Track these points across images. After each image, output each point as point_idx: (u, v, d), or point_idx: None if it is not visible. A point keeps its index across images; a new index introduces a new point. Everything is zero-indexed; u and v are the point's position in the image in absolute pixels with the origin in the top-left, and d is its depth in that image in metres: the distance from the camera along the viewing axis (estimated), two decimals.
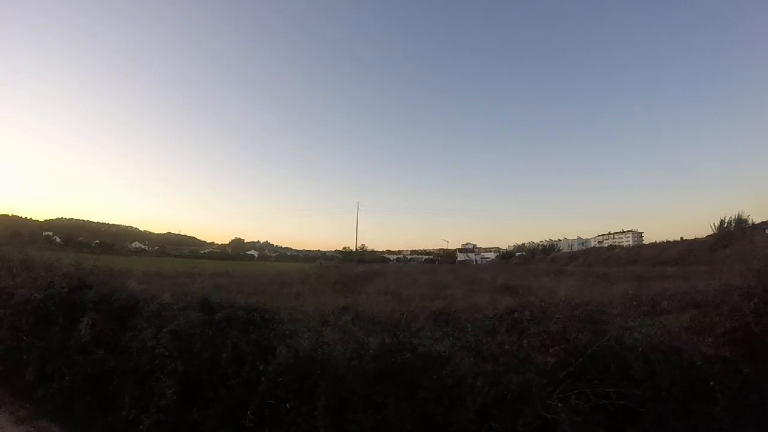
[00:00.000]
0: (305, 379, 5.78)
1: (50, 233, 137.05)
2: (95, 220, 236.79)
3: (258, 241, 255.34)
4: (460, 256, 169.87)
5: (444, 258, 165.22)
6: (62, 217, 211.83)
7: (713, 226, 61.73)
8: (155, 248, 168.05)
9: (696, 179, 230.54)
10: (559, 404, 5.05)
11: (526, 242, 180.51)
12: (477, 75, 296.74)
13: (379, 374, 5.72)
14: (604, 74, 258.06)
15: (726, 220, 60.62)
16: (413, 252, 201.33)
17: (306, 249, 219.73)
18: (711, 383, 5.52)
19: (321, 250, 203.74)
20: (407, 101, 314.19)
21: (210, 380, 6.28)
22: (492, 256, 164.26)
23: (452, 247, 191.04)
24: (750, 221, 60.56)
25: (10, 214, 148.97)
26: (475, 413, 5.18)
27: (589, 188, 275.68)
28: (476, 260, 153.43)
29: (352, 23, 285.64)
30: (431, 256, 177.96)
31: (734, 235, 55.94)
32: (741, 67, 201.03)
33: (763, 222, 64.02)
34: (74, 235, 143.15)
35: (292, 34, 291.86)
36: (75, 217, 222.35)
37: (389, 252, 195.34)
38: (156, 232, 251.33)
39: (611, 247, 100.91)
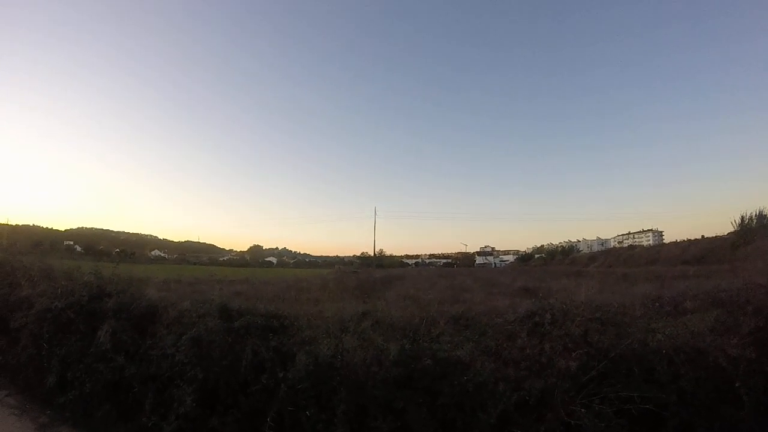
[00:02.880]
0: (325, 386, 5.76)
1: (71, 242, 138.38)
2: (115, 230, 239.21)
3: (276, 248, 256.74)
4: (479, 260, 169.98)
5: (463, 262, 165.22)
6: (83, 227, 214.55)
7: (734, 223, 60.92)
8: (174, 256, 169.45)
9: (716, 176, 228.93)
10: (582, 409, 5.00)
11: (545, 244, 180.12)
12: (494, 79, 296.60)
13: (399, 380, 5.69)
14: (622, 72, 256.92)
15: (747, 217, 59.76)
16: (432, 256, 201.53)
17: (324, 255, 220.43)
18: (736, 385, 5.43)
19: (339, 255, 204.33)
20: (424, 106, 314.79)
21: (229, 387, 6.28)
22: (511, 258, 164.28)
23: (471, 250, 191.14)
24: None
25: (32, 224, 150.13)
26: (496, 419, 5.13)
27: (607, 188, 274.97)
28: (495, 263, 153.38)
29: (371, 27, 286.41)
30: (450, 260, 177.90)
31: (756, 231, 55.13)
32: (761, 59, 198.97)
33: None
34: (95, 244, 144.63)
35: (310, 39, 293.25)
36: (95, 227, 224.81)
37: (408, 256, 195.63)
38: (175, 240, 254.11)
39: (631, 247, 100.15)
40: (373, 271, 63.37)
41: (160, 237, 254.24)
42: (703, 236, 76.27)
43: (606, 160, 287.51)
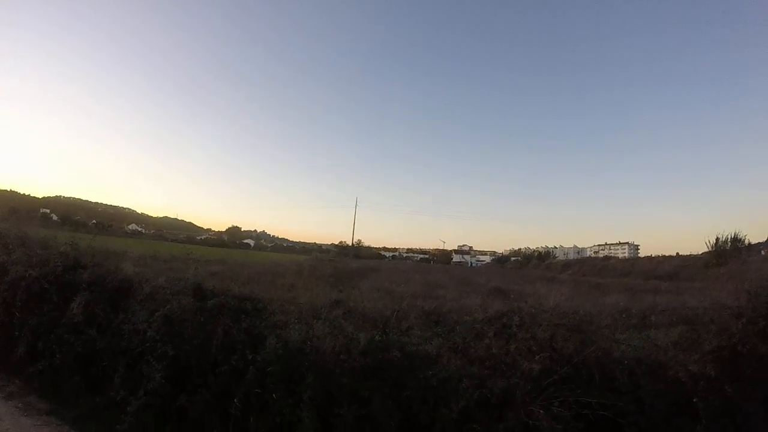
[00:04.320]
0: (293, 371, 5.82)
1: (47, 211, 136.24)
2: (93, 200, 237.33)
3: (255, 231, 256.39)
4: (456, 258, 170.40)
5: (439, 258, 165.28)
6: (60, 196, 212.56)
7: (709, 244, 61.79)
8: (152, 232, 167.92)
9: (695, 195, 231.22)
10: (542, 411, 5.09)
11: (523, 248, 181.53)
12: (481, 81, 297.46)
13: (367, 370, 5.77)
14: (607, 84, 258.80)
15: (722, 238, 60.61)
16: (409, 250, 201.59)
17: (302, 241, 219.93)
18: (694, 400, 5.56)
19: (318, 243, 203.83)
20: (412, 103, 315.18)
21: (199, 366, 6.32)
22: (487, 259, 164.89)
23: (448, 247, 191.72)
24: (746, 241, 60.69)
25: (9, 189, 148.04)
26: (458, 414, 5.23)
27: (588, 198, 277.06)
28: (471, 262, 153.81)
29: (356, 23, 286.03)
30: (426, 256, 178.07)
31: (729, 253, 55.96)
32: (741, 82, 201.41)
33: (759, 243, 64.29)
34: (71, 214, 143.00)
35: (295, 30, 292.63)
36: (73, 196, 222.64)
37: (385, 249, 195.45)
38: (153, 215, 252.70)
39: (606, 258, 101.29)
40: (350, 261, 63.41)
41: (139, 211, 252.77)
42: (677, 253, 77.25)
43: (589, 171, 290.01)
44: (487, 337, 6.37)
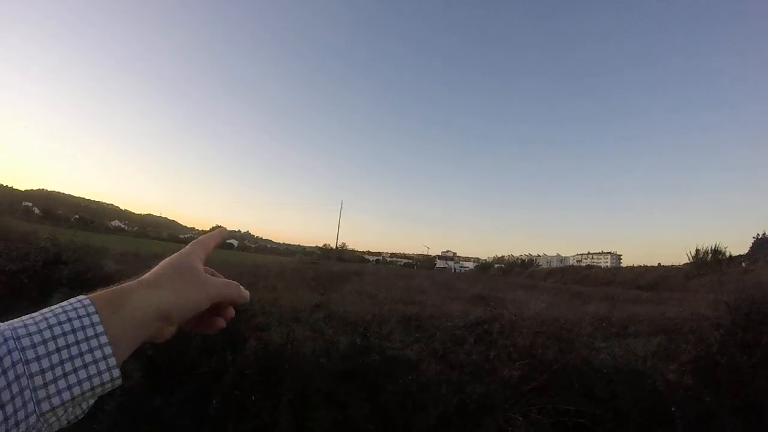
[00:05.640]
0: (272, 373, 5.79)
1: (30, 204, 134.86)
2: (76, 195, 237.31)
3: (239, 231, 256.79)
4: (439, 263, 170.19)
5: (423, 263, 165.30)
6: (43, 189, 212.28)
7: (689, 255, 62.18)
8: (134, 229, 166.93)
9: (678, 206, 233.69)
10: (520, 417, 5.12)
11: (506, 255, 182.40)
12: (469, 90, 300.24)
13: (346, 374, 5.75)
14: (592, 95, 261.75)
15: (702, 250, 61.03)
16: (393, 255, 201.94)
17: (287, 243, 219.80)
18: (672, 409, 5.59)
19: (302, 245, 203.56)
20: (400, 109, 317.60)
21: (176, 367, 6.26)
22: (471, 265, 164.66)
23: (432, 253, 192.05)
24: (727, 253, 61.10)
25: None
26: (436, 420, 5.23)
27: (571, 207, 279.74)
28: (455, 268, 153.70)
29: (346, 27, 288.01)
30: (410, 261, 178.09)
31: (710, 265, 56.29)
32: (726, 94, 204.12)
33: (740, 255, 64.82)
34: (53, 208, 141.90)
35: (284, 33, 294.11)
36: (56, 190, 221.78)
37: (369, 253, 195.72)
38: (136, 212, 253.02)
39: (589, 267, 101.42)
40: (333, 264, 63.28)
41: (122, 208, 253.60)
42: (659, 264, 77.73)
43: (574, 180, 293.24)
44: (467, 343, 6.40)
